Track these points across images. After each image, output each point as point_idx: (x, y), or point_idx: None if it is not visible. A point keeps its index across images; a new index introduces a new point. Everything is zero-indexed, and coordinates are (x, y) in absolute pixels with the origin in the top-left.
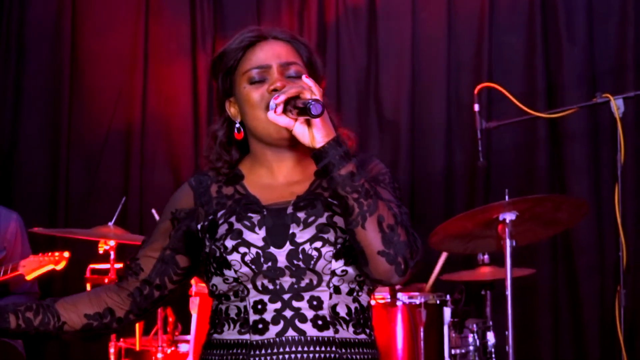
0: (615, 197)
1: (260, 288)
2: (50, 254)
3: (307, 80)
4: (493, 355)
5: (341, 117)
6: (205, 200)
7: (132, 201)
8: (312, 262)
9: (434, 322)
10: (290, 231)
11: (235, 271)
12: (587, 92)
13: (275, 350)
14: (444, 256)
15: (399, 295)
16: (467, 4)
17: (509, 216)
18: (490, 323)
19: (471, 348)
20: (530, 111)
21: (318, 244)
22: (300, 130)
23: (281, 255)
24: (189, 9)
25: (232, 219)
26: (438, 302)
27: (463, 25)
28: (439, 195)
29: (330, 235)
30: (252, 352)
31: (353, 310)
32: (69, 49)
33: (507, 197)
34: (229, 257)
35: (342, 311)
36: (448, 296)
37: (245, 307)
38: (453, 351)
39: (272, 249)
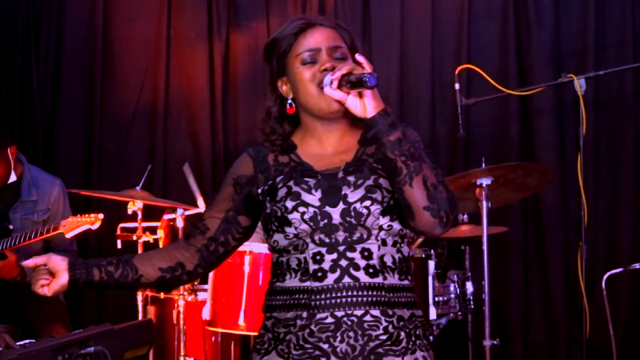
0: (577, 164)
1: (317, 242)
2: (86, 215)
3: (360, 57)
4: (471, 302)
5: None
6: (264, 168)
7: (156, 168)
8: (363, 219)
9: (420, 273)
10: (343, 192)
11: (295, 228)
12: (553, 73)
13: (333, 295)
14: None
15: None
16: None
17: (485, 181)
18: (469, 274)
19: (452, 296)
20: (504, 89)
21: (367, 203)
22: (352, 103)
23: (335, 213)
24: (206, 1)
25: (291, 183)
26: (424, 255)
27: (445, 13)
28: None
29: (378, 195)
30: (313, 297)
31: (397, 260)
32: (101, 36)
33: (483, 165)
34: (290, 216)
35: (388, 261)
36: (432, 251)
37: (305, 258)
38: (437, 298)
39: (328, 208)
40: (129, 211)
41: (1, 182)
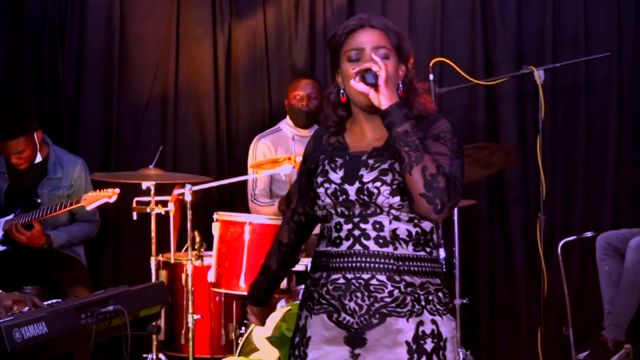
0: (537, 145)
1: (339, 213)
2: (105, 190)
3: (374, 56)
4: (444, 266)
5: (428, 88)
6: (318, 147)
7: (167, 149)
8: (374, 197)
9: None
10: (360, 172)
11: (322, 200)
12: (515, 65)
13: (345, 259)
14: None
15: None
16: None
17: None
18: (442, 241)
19: None
20: (472, 79)
21: (378, 184)
22: (372, 96)
23: (352, 190)
24: (210, 1)
25: (326, 161)
26: None
27: (421, 13)
28: None
29: (388, 178)
30: (330, 260)
31: (413, 233)
32: (118, 33)
33: None
34: (318, 190)
35: (402, 234)
36: None
37: (330, 227)
38: None
39: (346, 186)
40: (143, 187)
41: (29, 162)
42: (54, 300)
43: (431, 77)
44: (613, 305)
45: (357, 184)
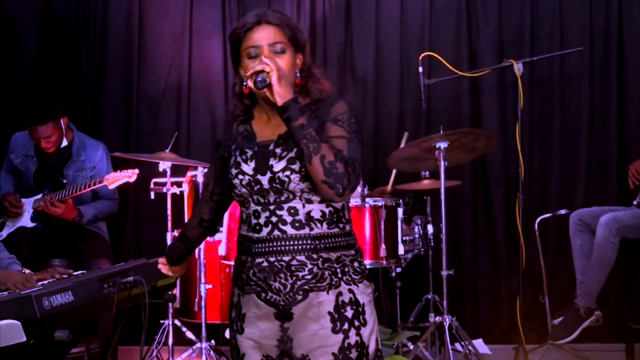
0: (516, 131)
1: (255, 201)
2: (125, 170)
3: (265, 59)
4: (432, 240)
5: (324, 72)
6: (229, 135)
7: (181, 135)
8: (286, 185)
9: (391, 218)
10: (270, 163)
11: (239, 190)
12: (497, 58)
13: (267, 244)
14: (394, 172)
15: (367, 199)
16: None
17: (443, 144)
18: (430, 218)
19: (417, 235)
20: (457, 72)
21: (288, 172)
22: (268, 94)
23: (265, 180)
24: (220, 1)
25: (237, 152)
26: (394, 204)
27: (411, 12)
28: (395, 130)
29: (296, 166)
30: (253, 245)
31: (327, 213)
32: (137, 30)
33: (441, 131)
34: (234, 182)
35: (316, 214)
36: (401, 200)
37: (248, 213)
38: (404, 238)
39: (259, 176)
40: (160, 169)
41: (56, 146)
42: (80, 272)
43: (420, 69)
44: (585, 276)
45: (268, 174)
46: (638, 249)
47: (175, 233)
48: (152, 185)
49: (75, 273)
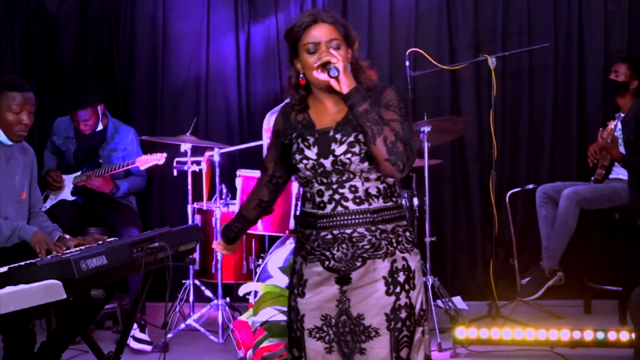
0: (490, 117)
1: (319, 182)
2: (156, 154)
3: (333, 52)
4: (417, 211)
5: (370, 64)
6: (288, 124)
7: (200, 120)
8: (347, 166)
9: None
10: (332, 147)
11: (303, 173)
12: (473, 54)
13: (331, 219)
14: None
15: None
16: (401, 0)
17: (427, 128)
18: (415, 192)
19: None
20: (439, 65)
21: (349, 155)
22: (333, 83)
23: (327, 163)
24: (233, 4)
25: (299, 140)
26: None
27: (399, 13)
28: None
29: (356, 149)
30: (318, 220)
31: (382, 189)
32: (161, 29)
33: (425, 117)
34: (299, 166)
35: (373, 191)
36: None
37: (312, 192)
38: None
39: (322, 160)
40: (182, 150)
41: (92, 129)
42: (112, 239)
43: (407, 63)
44: (549, 242)
45: (331, 158)
46: (595, 218)
47: (195, 205)
48: (174, 164)
49: (109, 240)
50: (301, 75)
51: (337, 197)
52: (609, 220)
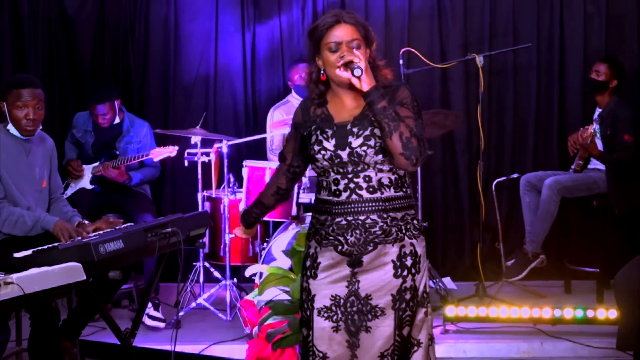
0: (477, 112)
1: (335, 171)
2: (168, 146)
3: (357, 52)
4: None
5: (386, 63)
6: (307, 118)
7: (209, 114)
8: (362, 158)
9: None
10: (349, 140)
11: (320, 163)
12: (462, 53)
13: (346, 206)
14: None
15: None
16: (395, 2)
17: None
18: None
19: None
20: (431, 63)
21: (365, 148)
22: (355, 81)
23: (344, 154)
24: (239, 6)
25: (318, 132)
26: None
27: (394, 15)
28: None
29: (372, 142)
30: (333, 207)
31: (393, 179)
32: (173, 29)
33: None
34: (317, 156)
35: (385, 181)
36: None
37: (328, 181)
38: None
39: (339, 151)
40: (192, 142)
41: (110, 122)
42: (128, 224)
43: (401, 62)
44: (532, 227)
45: (347, 150)
46: (575, 205)
47: (205, 193)
48: (185, 155)
49: (125, 225)
50: (322, 72)
51: (352, 185)
52: (588, 207)
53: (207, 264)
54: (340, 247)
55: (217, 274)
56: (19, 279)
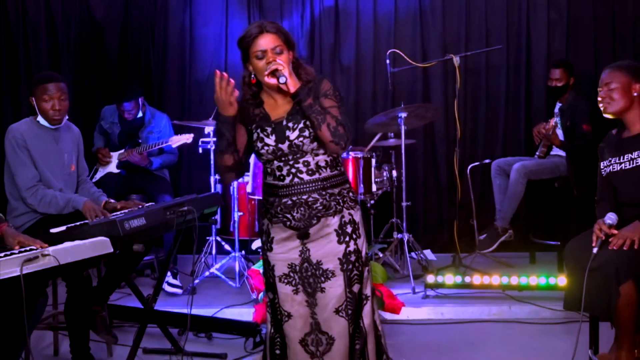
0: (455, 104)
1: (278, 160)
2: (185, 134)
3: (280, 60)
4: (395, 181)
5: (307, 60)
6: (247, 118)
7: None
8: (300, 147)
9: (367, 165)
10: (286, 134)
11: (265, 156)
12: (441, 54)
13: (290, 189)
14: (377, 136)
15: (351, 152)
16: (383, 9)
17: (403, 114)
18: (394, 166)
19: (385, 178)
20: (414, 63)
21: (301, 139)
22: (282, 86)
23: (284, 147)
24: (247, 12)
25: (258, 130)
26: (369, 156)
27: (382, 20)
28: (370, 105)
29: (306, 133)
30: (279, 190)
31: (329, 160)
32: (188, 33)
33: (402, 105)
34: (261, 151)
35: (322, 163)
36: (374, 153)
37: (273, 168)
38: (376, 179)
39: (280, 145)
40: (206, 132)
41: (134, 116)
42: (149, 204)
43: (387, 61)
44: (501, 206)
45: (287, 142)
46: (539, 187)
47: (217, 176)
48: (199, 143)
49: (147, 204)
50: (252, 76)
51: (293, 170)
52: (550, 188)
53: (218, 238)
54: (288, 223)
55: (227, 247)
56: (55, 251)
